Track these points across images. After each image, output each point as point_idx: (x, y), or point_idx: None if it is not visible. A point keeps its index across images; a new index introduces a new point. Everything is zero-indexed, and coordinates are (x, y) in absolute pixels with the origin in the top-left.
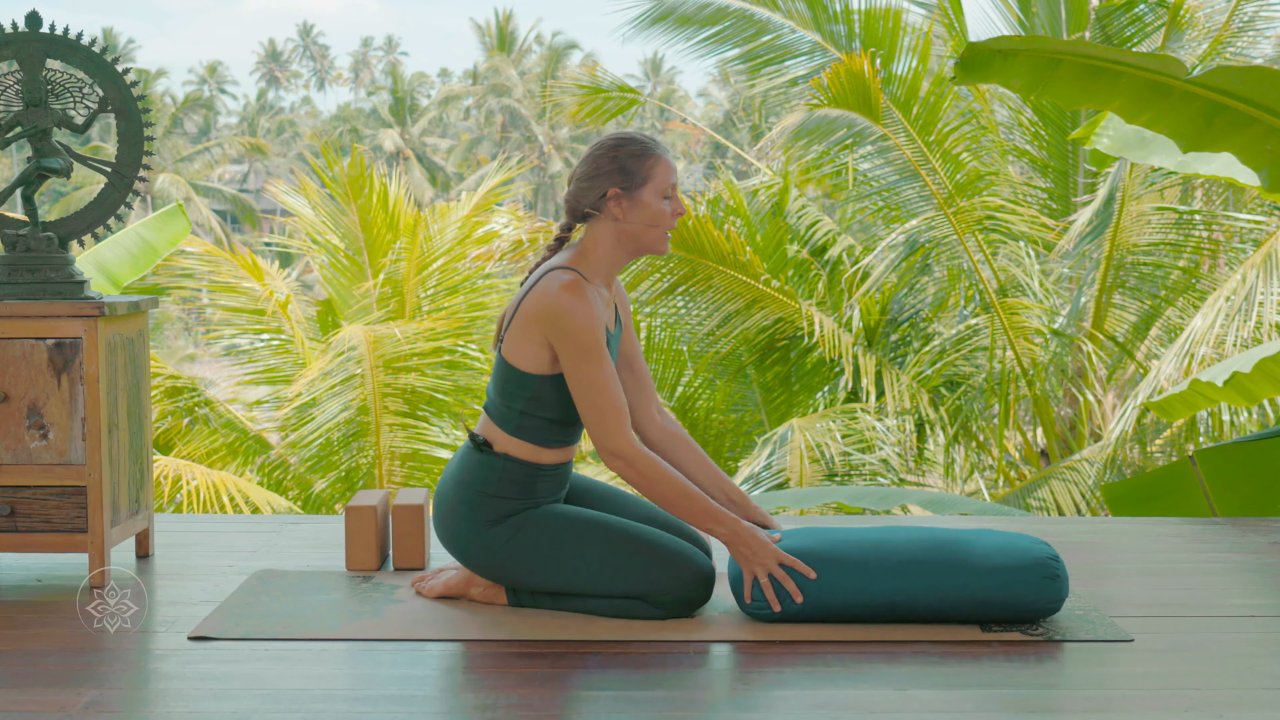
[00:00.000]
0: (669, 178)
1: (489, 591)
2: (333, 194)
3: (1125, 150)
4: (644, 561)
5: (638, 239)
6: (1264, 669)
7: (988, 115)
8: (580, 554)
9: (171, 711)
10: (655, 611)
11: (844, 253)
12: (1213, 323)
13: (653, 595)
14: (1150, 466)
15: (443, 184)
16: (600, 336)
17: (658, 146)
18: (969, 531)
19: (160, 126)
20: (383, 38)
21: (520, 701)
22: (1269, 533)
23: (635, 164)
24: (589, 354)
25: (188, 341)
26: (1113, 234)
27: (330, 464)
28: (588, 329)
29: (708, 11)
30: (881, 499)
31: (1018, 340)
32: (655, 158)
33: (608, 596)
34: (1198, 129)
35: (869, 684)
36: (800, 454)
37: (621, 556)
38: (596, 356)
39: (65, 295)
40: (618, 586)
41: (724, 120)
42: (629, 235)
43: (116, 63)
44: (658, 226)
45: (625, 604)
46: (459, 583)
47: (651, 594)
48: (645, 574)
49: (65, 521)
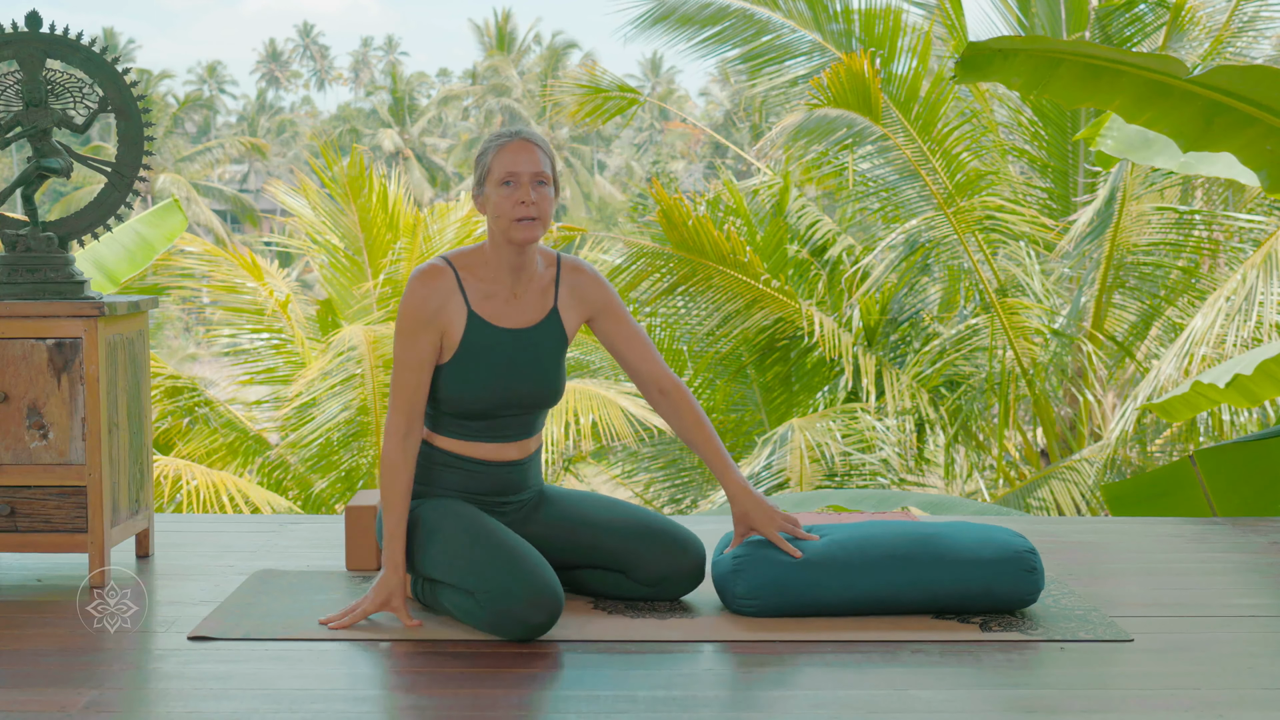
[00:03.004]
0: (507, 166)
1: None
2: (332, 194)
3: (1129, 151)
4: (482, 563)
5: (498, 233)
6: (1264, 669)
7: (988, 115)
8: (437, 544)
9: (171, 711)
10: (483, 616)
11: (844, 253)
12: (1213, 322)
13: (478, 593)
14: (1150, 466)
15: (442, 184)
16: (416, 323)
17: (503, 136)
18: (949, 526)
19: (160, 126)
20: (383, 38)
21: (520, 701)
22: (1269, 533)
23: (481, 161)
24: (398, 335)
25: (188, 341)
26: (1113, 234)
27: (330, 464)
28: (405, 312)
29: (708, 11)
30: (881, 501)
31: (1018, 340)
32: (496, 150)
33: (451, 586)
34: (1198, 129)
35: (869, 684)
36: (800, 454)
37: (466, 552)
38: (401, 340)
39: (65, 295)
40: (455, 578)
41: (724, 120)
42: (492, 231)
43: (116, 63)
44: (500, 218)
45: (464, 601)
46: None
47: (478, 592)
48: (481, 574)
49: (65, 521)
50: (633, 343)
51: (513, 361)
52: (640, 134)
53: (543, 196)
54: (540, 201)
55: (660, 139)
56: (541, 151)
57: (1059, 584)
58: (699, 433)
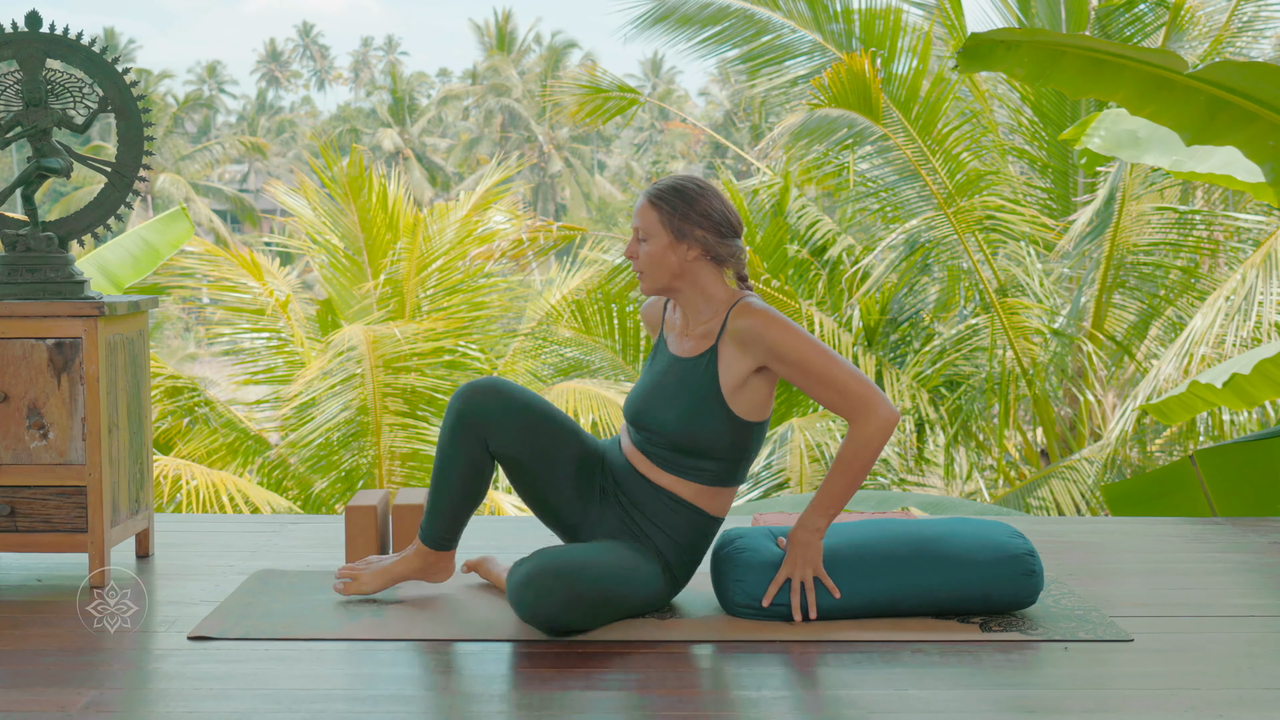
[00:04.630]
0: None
1: (438, 565)
2: (332, 194)
3: (1118, 150)
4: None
5: None
6: (1264, 669)
7: (988, 115)
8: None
9: (171, 711)
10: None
11: (844, 253)
12: (1212, 322)
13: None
14: (1150, 466)
15: (442, 184)
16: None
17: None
18: (948, 527)
19: (160, 126)
20: (383, 38)
21: (520, 701)
22: (1269, 533)
23: None
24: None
25: (188, 341)
26: (1113, 234)
27: (330, 464)
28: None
29: (708, 11)
30: (880, 502)
31: (1018, 340)
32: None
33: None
34: (1200, 123)
35: (869, 684)
36: (800, 453)
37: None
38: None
39: (65, 295)
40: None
41: (724, 120)
42: None
43: (116, 62)
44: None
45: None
46: (402, 566)
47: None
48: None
49: (65, 521)
50: (814, 390)
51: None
52: (640, 134)
53: (645, 252)
54: (640, 254)
55: (660, 139)
56: (649, 204)
57: (1059, 584)
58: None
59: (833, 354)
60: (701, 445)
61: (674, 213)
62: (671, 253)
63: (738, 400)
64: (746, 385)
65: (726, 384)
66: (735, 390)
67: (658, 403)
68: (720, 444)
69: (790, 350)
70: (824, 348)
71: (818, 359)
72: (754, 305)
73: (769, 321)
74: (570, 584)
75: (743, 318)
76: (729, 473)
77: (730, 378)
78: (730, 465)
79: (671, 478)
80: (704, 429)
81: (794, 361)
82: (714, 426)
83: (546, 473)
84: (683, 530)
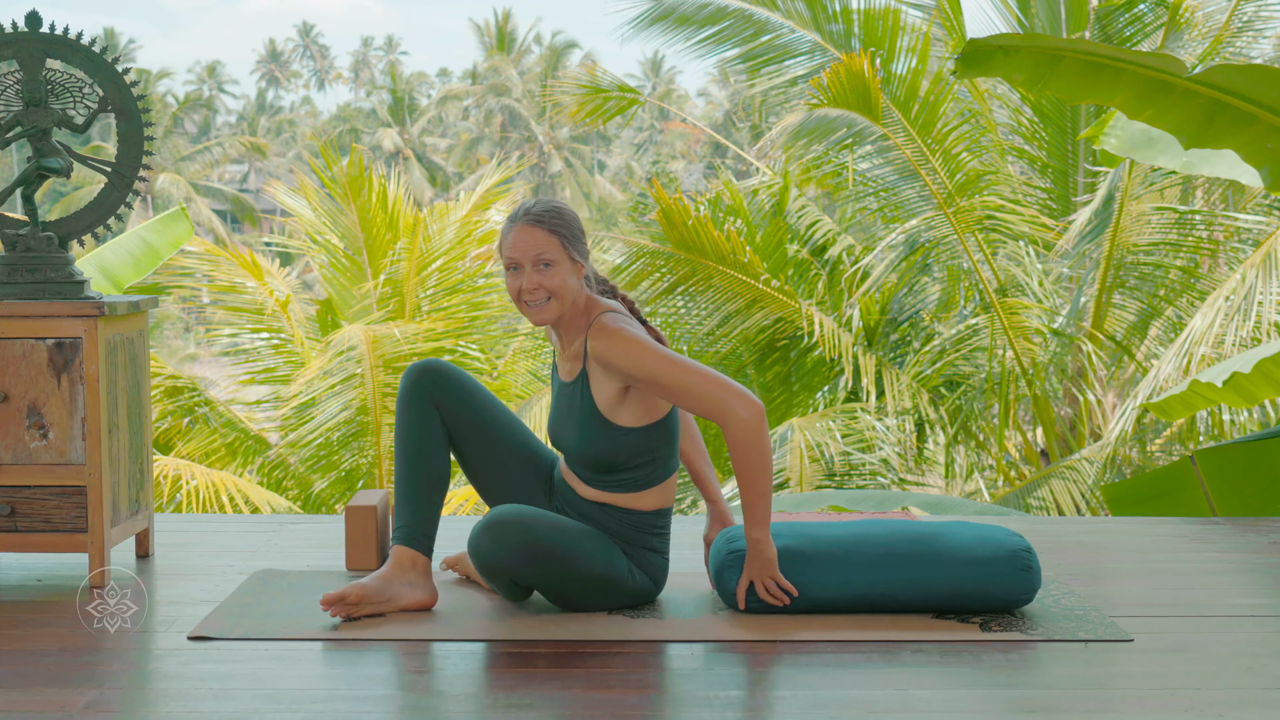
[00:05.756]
0: (506, 251)
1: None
2: (332, 194)
3: (1132, 150)
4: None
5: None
6: (1264, 669)
7: (987, 115)
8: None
9: (171, 711)
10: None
11: (844, 252)
12: (1212, 322)
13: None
14: (1150, 466)
15: (442, 184)
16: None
17: (509, 219)
18: (946, 526)
19: (160, 126)
20: (383, 38)
21: (520, 701)
22: (1269, 533)
23: (499, 242)
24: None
25: (188, 341)
26: (1112, 234)
27: (330, 464)
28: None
29: (707, 11)
30: (880, 502)
31: (1018, 340)
32: (503, 234)
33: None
34: (1199, 126)
35: (869, 684)
36: (800, 453)
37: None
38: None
39: (65, 295)
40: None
41: (724, 120)
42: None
43: (116, 62)
44: (515, 302)
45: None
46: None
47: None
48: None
49: (65, 521)
50: (676, 401)
51: (555, 408)
52: (640, 134)
53: (553, 280)
54: (547, 281)
55: (660, 139)
56: (548, 231)
57: (1059, 584)
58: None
59: (685, 363)
60: (606, 461)
61: (569, 235)
62: (573, 277)
63: (621, 414)
64: (625, 400)
65: (603, 403)
66: (614, 407)
67: (560, 428)
68: (622, 455)
69: (640, 369)
70: (675, 358)
71: (669, 372)
72: (606, 325)
73: (614, 344)
74: (526, 532)
75: (595, 340)
76: (648, 475)
77: (604, 397)
78: (646, 468)
79: (597, 491)
80: (601, 448)
81: (647, 379)
82: (609, 444)
83: (493, 446)
84: (628, 530)
